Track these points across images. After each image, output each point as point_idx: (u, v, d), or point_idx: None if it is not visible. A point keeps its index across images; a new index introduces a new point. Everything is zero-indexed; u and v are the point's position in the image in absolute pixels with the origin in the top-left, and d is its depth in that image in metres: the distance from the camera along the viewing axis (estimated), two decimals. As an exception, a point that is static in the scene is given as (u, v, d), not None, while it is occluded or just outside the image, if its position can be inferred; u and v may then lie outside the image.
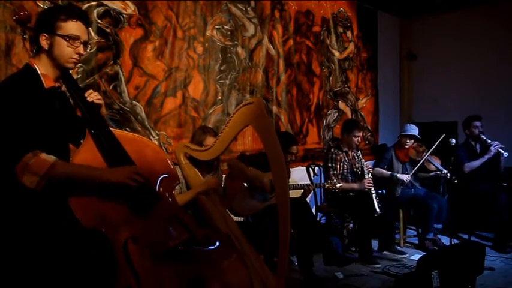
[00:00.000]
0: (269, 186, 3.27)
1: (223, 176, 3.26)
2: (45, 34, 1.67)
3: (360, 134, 4.13)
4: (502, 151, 4.35)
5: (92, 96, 1.81)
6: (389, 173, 4.38)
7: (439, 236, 4.31)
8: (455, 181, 4.03)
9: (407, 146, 4.43)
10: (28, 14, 1.71)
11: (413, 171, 4.33)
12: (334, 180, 3.79)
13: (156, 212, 1.78)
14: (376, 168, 4.47)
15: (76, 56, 1.72)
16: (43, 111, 1.63)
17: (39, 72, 1.68)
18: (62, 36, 1.67)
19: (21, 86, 1.62)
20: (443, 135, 4.16)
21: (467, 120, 4.61)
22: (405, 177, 4.31)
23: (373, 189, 3.92)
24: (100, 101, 1.83)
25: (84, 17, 1.75)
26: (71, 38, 1.68)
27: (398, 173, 4.39)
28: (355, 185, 4.04)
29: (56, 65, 1.72)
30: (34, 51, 1.73)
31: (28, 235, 1.62)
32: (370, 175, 4.01)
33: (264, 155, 2.00)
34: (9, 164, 1.55)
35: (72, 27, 1.69)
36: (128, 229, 1.68)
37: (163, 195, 1.87)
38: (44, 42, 1.67)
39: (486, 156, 4.40)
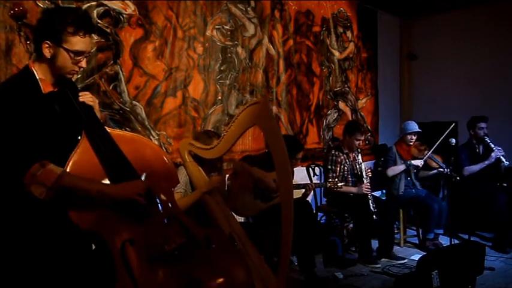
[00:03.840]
0: (274, 185, 3.26)
1: (227, 175, 3.26)
2: (48, 42, 1.61)
3: (362, 138, 4.11)
4: (503, 159, 4.34)
5: (85, 97, 1.78)
6: (403, 165, 4.33)
7: (440, 238, 4.30)
8: (457, 178, 4.03)
9: (411, 143, 4.42)
10: (23, 10, 1.66)
11: (425, 157, 4.29)
12: (336, 179, 3.80)
13: (154, 214, 1.76)
14: (389, 169, 4.39)
15: (77, 69, 1.69)
16: (42, 117, 1.60)
17: (37, 77, 1.65)
18: (67, 51, 1.62)
19: (19, 92, 1.59)
20: (452, 125, 4.15)
21: (472, 121, 4.57)
22: (419, 162, 4.30)
23: (370, 194, 3.91)
24: (92, 102, 1.80)
25: (91, 28, 1.69)
26: (76, 54, 1.64)
27: (400, 172, 4.38)
28: (353, 189, 4.04)
29: (54, 73, 1.69)
30: (33, 53, 1.69)
31: (27, 238, 1.62)
32: (368, 179, 4.00)
33: (268, 155, 2.00)
34: (15, 174, 1.53)
35: (79, 42, 1.63)
36: (125, 232, 1.67)
37: (162, 196, 1.86)
38: (46, 51, 1.61)
39: (486, 162, 4.40)
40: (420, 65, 6.40)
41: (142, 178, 1.77)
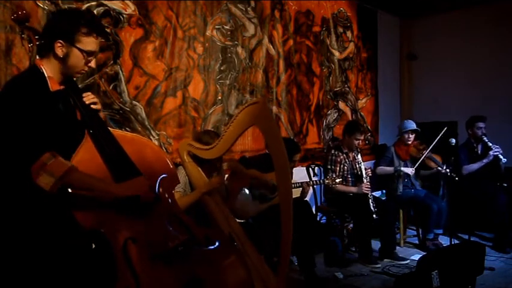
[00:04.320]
0: (271, 185, 3.26)
1: (226, 176, 3.26)
2: (61, 42, 1.65)
3: (362, 137, 4.12)
4: (501, 156, 4.34)
5: (89, 98, 1.80)
6: (393, 168, 4.36)
7: (439, 238, 4.29)
8: (456, 178, 4.03)
9: (409, 142, 4.42)
10: (26, 13, 1.70)
11: (416, 164, 4.31)
12: (334, 176, 3.79)
13: (155, 213, 1.78)
14: (379, 167, 4.46)
15: (87, 68, 1.75)
16: (49, 114, 1.63)
17: (46, 75, 1.67)
18: (81, 50, 1.68)
19: (29, 88, 1.61)
20: (445, 128, 4.16)
21: (471, 121, 4.58)
22: (409, 170, 4.30)
23: (370, 194, 3.91)
24: (97, 105, 1.82)
25: (103, 30, 1.76)
26: (89, 54, 1.70)
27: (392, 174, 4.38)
28: (353, 189, 4.04)
29: (63, 72, 1.72)
30: (35, 55, 1.71)
31: (28, 238, 1.62)
32: (368, 179, 4.00)
33: (266, 156, 2.00)
34: (24, 163, 1.53)
35: (92, 42, 1.70)
36: (127, 230, 1.68)
37: (163, 196, 1.87)
38: (59, 50, 1.66)
39: (485, 160, 4.40)
40: (420, 65, 6.40)
41: None
